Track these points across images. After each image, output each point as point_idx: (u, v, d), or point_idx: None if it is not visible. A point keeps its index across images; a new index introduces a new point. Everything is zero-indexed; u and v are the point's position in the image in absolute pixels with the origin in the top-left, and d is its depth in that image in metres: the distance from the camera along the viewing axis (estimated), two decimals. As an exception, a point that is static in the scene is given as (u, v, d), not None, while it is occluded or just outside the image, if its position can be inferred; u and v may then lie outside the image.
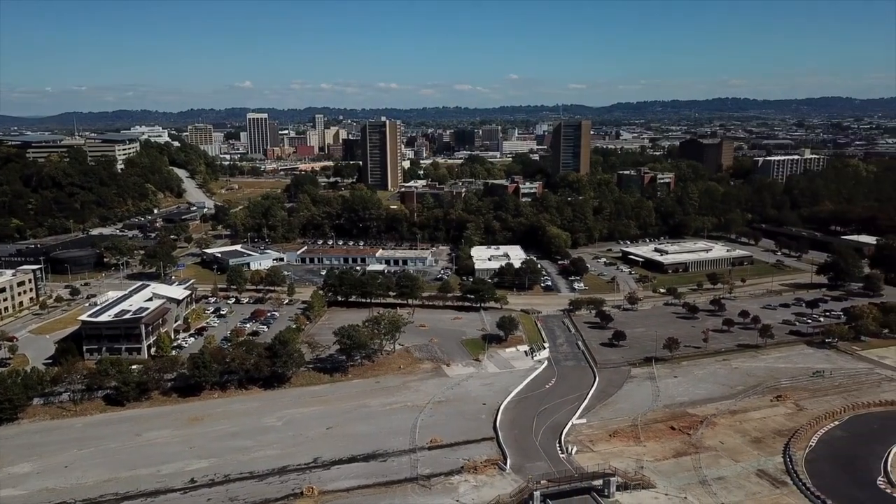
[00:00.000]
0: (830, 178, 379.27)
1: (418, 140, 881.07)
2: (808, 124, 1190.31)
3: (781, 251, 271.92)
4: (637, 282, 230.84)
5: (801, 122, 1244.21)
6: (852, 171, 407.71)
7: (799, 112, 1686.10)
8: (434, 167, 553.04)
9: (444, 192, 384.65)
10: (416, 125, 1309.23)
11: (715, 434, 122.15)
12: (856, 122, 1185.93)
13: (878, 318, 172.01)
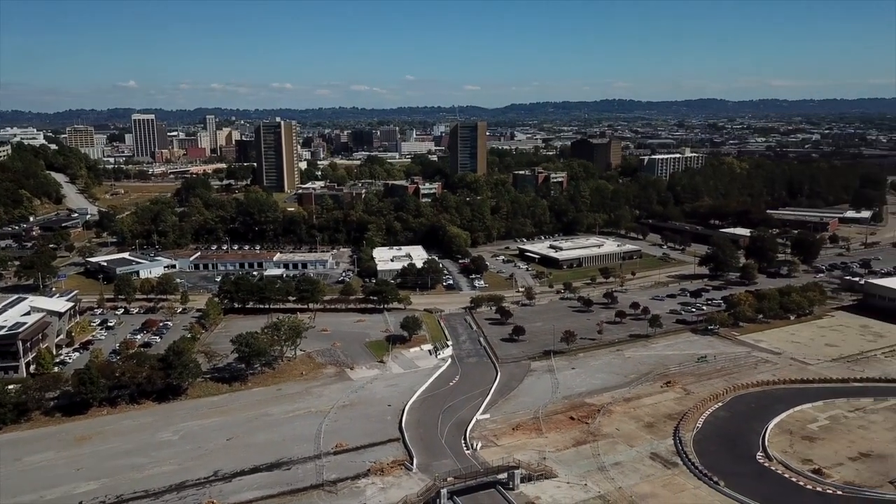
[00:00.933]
0: (709, 175, 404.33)
1: (315, 141, 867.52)
2: (687, 125, 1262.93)
3: (667, 245, 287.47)
4: (534, 278, 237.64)
5: (681, 123, 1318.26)
6: (727, 168, 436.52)
7: (679, 113, 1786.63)
8: (332, 168, 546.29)
9: (343, 193, 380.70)
10: (313, 126, 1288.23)
11: (611, 421, 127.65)
12: (729, 123, 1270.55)
13: (754, 305, 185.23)
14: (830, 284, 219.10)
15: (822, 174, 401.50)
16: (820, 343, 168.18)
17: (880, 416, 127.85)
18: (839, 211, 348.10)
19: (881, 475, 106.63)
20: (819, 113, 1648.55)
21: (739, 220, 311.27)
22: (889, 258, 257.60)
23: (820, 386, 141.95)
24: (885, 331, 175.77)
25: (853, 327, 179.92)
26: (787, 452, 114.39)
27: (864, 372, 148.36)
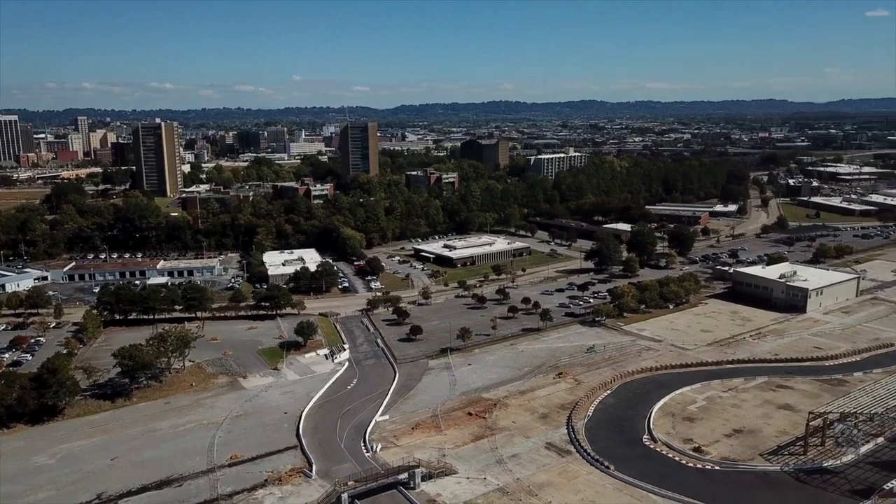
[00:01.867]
0: (591, 173, 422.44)
1: (199, 143, 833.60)
2: (570, 125, 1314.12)
3: (555, 241, 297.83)
4: (430, 277, 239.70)
5: (564, 124, 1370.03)
6: (609, 167, 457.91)
7: (563, 114, 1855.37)
8: (218, 171, 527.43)
9: (230, 196, 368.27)
10: (196, 127, 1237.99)
11: (508, 415, 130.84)
12: (609, 123, 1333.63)
13: (636, 296, 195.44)
14: (703, 274, 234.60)
15: (693, 171, 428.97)
16: (696, 329, 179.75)
17: (750, 394, 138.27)
18: (709, 205, 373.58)
19: (752, 448, 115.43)
20: (689, 114, 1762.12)
21: (621, 216, 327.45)
22: (754, 248, 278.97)
23: (697, 369, 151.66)
24: (753, 315, 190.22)
25: (725, 313, 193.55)
26: (670, 433, 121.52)
27: (735, 354, 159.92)
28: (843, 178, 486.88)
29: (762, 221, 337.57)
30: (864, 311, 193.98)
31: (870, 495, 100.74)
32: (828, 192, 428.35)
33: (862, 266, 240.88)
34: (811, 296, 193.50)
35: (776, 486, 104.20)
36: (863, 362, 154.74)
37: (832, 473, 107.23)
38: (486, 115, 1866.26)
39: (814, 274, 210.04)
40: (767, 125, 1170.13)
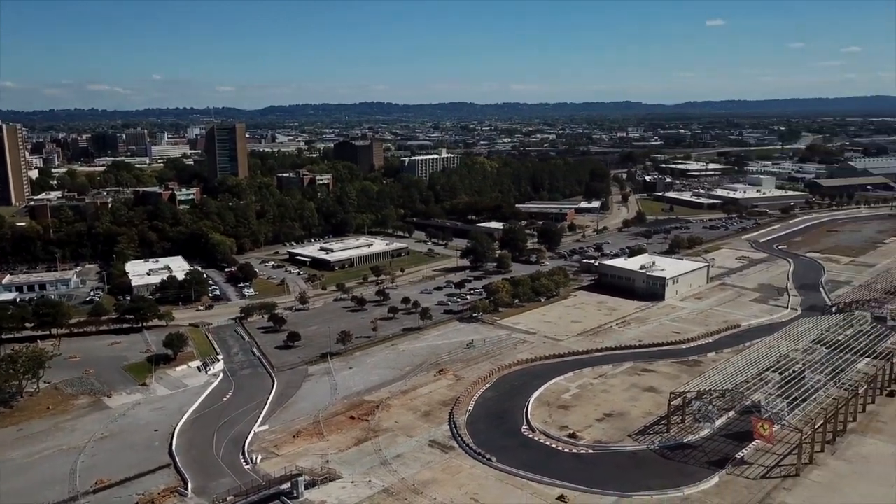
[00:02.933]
0: (464, 173, 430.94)
1: (48, 146, 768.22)
2: (442, 126, 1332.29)
3: (431, 241, 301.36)
4: (307, 281, 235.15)
5: (436, 125, 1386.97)
6: (480, 167, 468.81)
7: (434, 115, 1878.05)
8: (71, 176, 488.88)
9: (85, 203, 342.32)
10: (44, 129, 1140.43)
11: (391, 415, 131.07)
12: (479, 125, 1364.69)
13: (510, 291, 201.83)
14: (572, 268, 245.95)
15: (559, 170, 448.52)
16: (567, 320, 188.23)
17: (618, 379, 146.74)
18: (575, 202, 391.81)
19: (622, 430, 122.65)
20: (553, 115, 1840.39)
21: (493, 214, 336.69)
22: (616, 241, 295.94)
23: (569, 359, 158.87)
24: (618, 305, 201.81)
25: (592, 304, 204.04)
26: (547, 422, 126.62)
27: (604, 342, 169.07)
28: (693, 175, 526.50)
29: (623, 216, 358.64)
30: (714, 296, 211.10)
31: (724, 464, 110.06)
32: (679, 187, 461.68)
33: (711, 255, 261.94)
34: (668, 284, 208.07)
35: (644, 464, 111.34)
36: (715, 343, 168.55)
37: (692, 447, 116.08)
38: (358, 115, 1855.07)
39: (670, 264, 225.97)
40: (625, 126, 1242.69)
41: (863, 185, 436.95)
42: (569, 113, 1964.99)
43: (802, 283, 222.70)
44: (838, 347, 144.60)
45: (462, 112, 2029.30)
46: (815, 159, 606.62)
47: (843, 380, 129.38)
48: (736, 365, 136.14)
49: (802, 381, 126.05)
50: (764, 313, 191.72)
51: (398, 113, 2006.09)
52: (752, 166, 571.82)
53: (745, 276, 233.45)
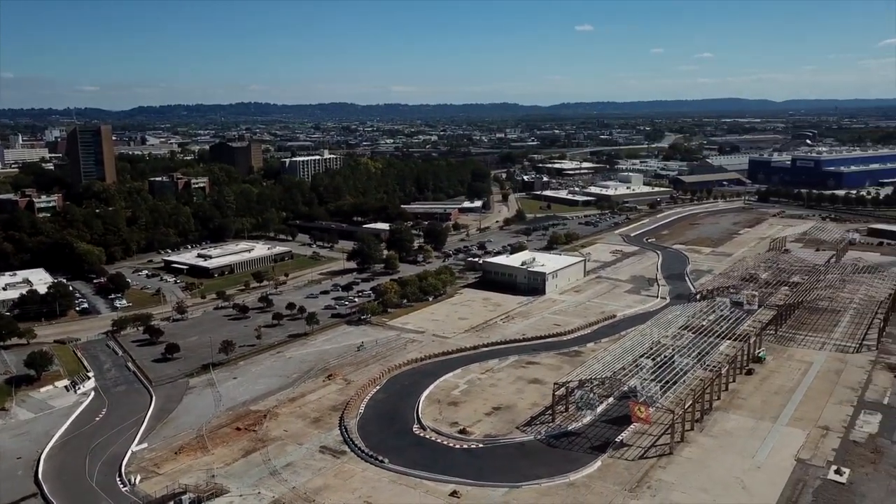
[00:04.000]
0: (348, 175, 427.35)
1: None
2: (323, 127, 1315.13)
3: (316, 244, 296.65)
4: (184, 290, 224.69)
5: (317, 126, 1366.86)
6: (364, 168, 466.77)
7: (315, 116, 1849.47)
8: None
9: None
10: None
11: (279, 424, 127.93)
12: (361, 126, 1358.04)
13: (398, 292, 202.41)
14: (458, 266, 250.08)
15: (442, 171, 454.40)
16: (454, 318, 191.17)
17: (504, 373, 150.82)
18: (458, 202, 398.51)
19: (510, 423, 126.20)
20: (434, 116, 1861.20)
21: (379, 215, 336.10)
22: (498, 239, 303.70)
23: (458, 355, 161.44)
24: (502, 300, 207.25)
25: (478, 301, 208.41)
26: (438, 419, 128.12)
27: (490, 338, 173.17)
28: (568, 174, 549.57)
29: (504, 215, 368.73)
30: (591, 288, 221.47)
31: (606, 448, 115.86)
32: (556, 186, 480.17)
33: (587, 250, 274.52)
34: (549, 279, 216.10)
35: (531, 454, 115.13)
36: (593, 334, 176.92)
37: (576, 434, 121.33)
38: (234, 117, 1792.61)
39: (549, 259, 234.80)
40: (503, 127, 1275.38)
41: (719, 181, 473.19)
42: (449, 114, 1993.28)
43: (670, 273, 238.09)
44: (703, 332, 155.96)
45: (343, 113, 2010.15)
46: (678, 157, 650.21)
47: (707, 362, 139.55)
48: (613, 353, 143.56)
49: (673, 365, 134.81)
50: (637, 303, 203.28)
51: (277, 113, 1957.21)
52: (622, 164, 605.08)
53: (618, 269, 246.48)
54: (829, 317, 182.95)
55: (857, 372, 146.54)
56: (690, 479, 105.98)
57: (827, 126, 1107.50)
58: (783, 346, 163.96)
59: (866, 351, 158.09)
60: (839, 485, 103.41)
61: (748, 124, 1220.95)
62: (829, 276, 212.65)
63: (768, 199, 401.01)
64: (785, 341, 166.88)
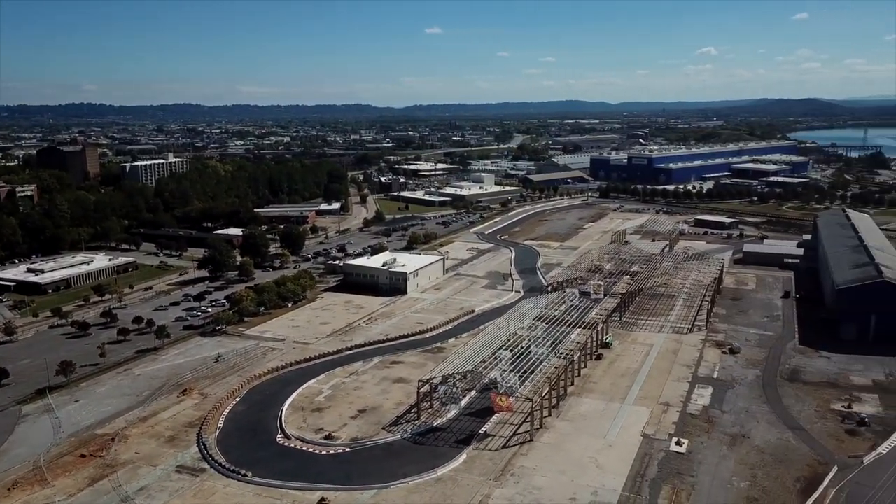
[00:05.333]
0: (195, 179, 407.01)
1: None
2: (167, 129, 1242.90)
3: (163, 252, 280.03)
4: (12, 309, 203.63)
5: (160, 128, 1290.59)
6: (213, 171, 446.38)
7: (157, 118, 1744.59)
8: None
9: None
10: None
11: (129, 447, 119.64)
12: (208, 127, 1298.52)
13: (255, 299, 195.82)
14: (317, 270, 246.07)
15: (296, 172, 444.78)
16: (316, 323, 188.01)
17: (369, 375, 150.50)
18: (315, 204, 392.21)
19: (376, 424, 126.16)
20: (286, 117, 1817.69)
21: (231, 220, 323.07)
22: (358, 241, 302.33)
23: (321, 361, 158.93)
24: (364, 302, 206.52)
25: (340, 304, 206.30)
26: (302, 427, 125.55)
27: (353, 340, 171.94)
28: (424, 175, 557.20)
29: (363, 216, 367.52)
30: (451, 286, 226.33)
31: (471, 441, 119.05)
32: (413, 186, 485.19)
33: (445, 248, 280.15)
34: (410, 278, 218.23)
35: (399, 453, 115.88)
36: (454, 329, 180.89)
37: (441, 430, 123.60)
38: (65, 118, 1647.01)
39: (410, 259, 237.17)
40: (358, 128, 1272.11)
41: (564, 179, 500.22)
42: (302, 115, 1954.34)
43: (523, 268, 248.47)
44: (555, 322, 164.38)
45: (188, 114, 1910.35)
46: (526, 157, 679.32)
47: (561, 350, 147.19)
48: (473, 347, 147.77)
49: (529, 355, 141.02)
50: (494, 298, 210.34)
51: (114, 115, 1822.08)
52: (475, 165, 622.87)
53: (475, 266, 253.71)
54: (666, 301, 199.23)
55: (690, 350, 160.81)
56: (550, 463, 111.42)
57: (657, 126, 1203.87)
58: (627, 330, 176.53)
59: (697, 331, 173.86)
60: (680, 454, 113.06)
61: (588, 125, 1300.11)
62: (663, 264, 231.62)
63: (609, 195, 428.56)
64: (629, 326, 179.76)
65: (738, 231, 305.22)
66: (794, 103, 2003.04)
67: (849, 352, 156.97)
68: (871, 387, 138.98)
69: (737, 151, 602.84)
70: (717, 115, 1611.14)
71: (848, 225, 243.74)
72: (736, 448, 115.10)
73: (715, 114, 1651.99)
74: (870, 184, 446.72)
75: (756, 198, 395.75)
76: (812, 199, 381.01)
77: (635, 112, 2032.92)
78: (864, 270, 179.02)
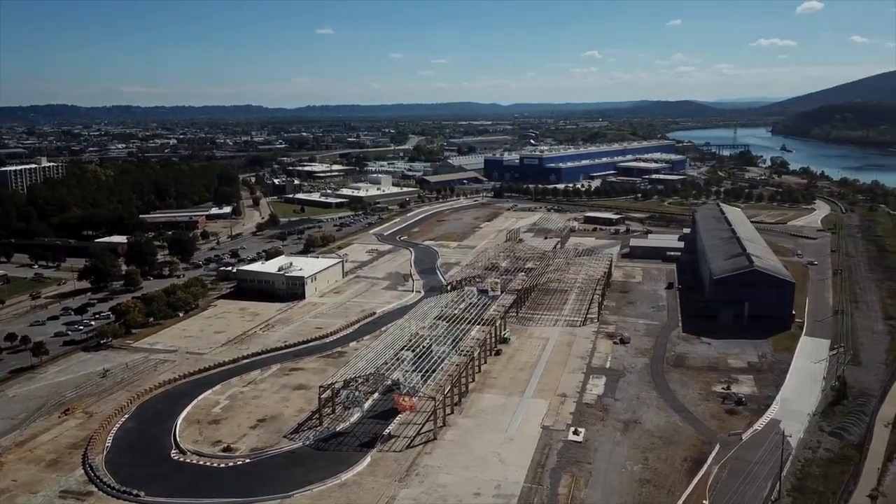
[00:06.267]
0: (73, 184, 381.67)
1: None
2: (39, 132, 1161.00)
3: (38, 263, 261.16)
4: None
5: (31, 130, 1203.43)
6: (92, 176, 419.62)
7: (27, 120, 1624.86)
8: None
9: None
10: None
11: (5, 475, 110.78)
12: (86, 130, 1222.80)
13: (143, 310, 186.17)
14: (209, 277, 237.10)
15: (184, 176, 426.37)
16: (210, 332, 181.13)
17: (267, 383, 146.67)
18: (205, 209, 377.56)
19: (277, 433, 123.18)
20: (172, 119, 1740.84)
21: (114, 227, 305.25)
22: (252, 246, 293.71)
23: (216, 371, 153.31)
24: (260, 309, 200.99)
25: (235, 312, 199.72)
26: (198, 441, 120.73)
27: (250, 349, 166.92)
28: (319, 176, 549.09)
29: (256, 220, 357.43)
30: (351, 288, 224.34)
31: (375, 443, 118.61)
32: (308, 188, 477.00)
33: (343, 251, 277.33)
34: (308, 283, 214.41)
35: (301, 461, 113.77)
36: (355, 332, 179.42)
37: (345, 434, 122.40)
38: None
39: (307, 263, 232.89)
40: (248, 129, 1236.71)
41: (460, 180, 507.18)
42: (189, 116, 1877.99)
43: (423, 268, 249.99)
44: (455, 320, 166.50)
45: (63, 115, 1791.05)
46: (422, 158, 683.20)
47: (461, 347, 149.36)
48: (375, 349, 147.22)
49: (431, 354, 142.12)
50: (394, 299, 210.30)
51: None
52: (371, 166, 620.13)
53: (375, 268, 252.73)
54: (559, 296, 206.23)
55: (584, 342, 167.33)
56: (454, 460, 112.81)
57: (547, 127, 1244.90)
58: (524, 325, 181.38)
59: (590, 323, 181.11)
60: (577, 443, 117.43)
61: (481, 126, 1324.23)
62: (556, 260, 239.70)
63: (503, 194, 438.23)
64: (525, 321, 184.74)
65: (624, 227, 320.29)
66: (672, 105, 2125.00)
67: (726, 337, 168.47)
68: (746, 368, 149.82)
69: (621, 151, 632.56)
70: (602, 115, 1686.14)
71: (722, 218, 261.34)
72: (629, 434, 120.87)
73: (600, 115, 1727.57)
74: (740, 180, 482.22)
75: (640, 195, 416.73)
76: (690, 195, 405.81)
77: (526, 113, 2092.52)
78: (737, 260, 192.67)
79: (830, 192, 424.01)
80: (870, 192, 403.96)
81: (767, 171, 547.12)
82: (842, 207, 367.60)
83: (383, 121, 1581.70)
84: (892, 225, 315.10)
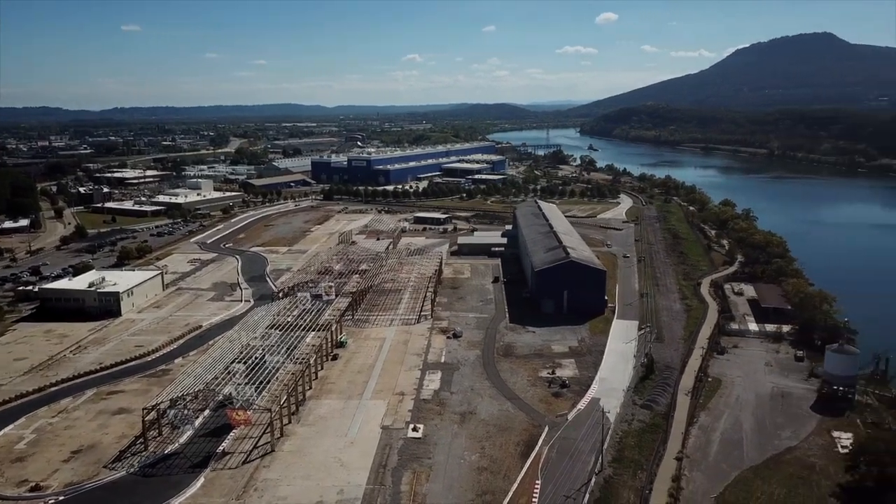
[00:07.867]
0: None
1: None
2: None
3: None
4: None
5: None
6: None
7: None
8: None
9: None
10: None
11: None
12: None
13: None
14: (6, 298, 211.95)
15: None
16: (9, 360, 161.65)
17: (82, 411, 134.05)
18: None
19: (95, 464, 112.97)
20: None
21: None
22: (57, 261, 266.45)
23: (17, 403, 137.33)
24: (69, 330, 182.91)
25: (38, 335, 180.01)
26: (0, 482, 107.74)
27: (59, 375, 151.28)
28: (131, 183, 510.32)
29: (60, 233, 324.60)
30: (173, 301, 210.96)
31: (208, 462, 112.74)
32: (119, 196, 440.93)
33: (163, 262, 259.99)
34: (123, 298, 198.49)
35: (126, 491, 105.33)
36: (180, 348, 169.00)
37: (175, 456, 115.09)
38: None
39: (122, 277, 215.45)
40: (46, 134, 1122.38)
41: (287, 183, 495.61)
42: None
43: (251, 275, 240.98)
44: (289, 328, 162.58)
45: None
46: (245, 161, 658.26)
47: (296, 355, 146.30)
48: (203, 364, 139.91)
49: (264, 365, 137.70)
50: (222, 310, 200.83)
51: None
52: (190, 171, 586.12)
53: (199, 278, 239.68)
54: (394, 296, 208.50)
55: (419, 339, 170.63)
56: (294, 470, 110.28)
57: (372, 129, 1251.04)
58: (361, 328, 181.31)
59: (424, 321, 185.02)
60: (417, 440, 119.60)
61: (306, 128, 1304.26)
62: (389, 261, 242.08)
63: (332, 197, 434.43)
64: (361, 323, 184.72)
65: (452, 225, 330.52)
66: (490, 107, 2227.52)
67: (549, 324, 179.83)
68: (568, 353, 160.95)
69: (445, 153, 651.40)
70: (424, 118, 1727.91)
71: (540, 214, 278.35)
72: (465, 425, 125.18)
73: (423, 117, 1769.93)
74: (554, 178, 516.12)
75: (465, 194, 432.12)
76: (511, 193, 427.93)
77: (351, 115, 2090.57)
78: (555, 253, 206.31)
79: (632, 186, 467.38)
80: (664, 186, 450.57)
81: (578, 169, 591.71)
82: (642, 200, 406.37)
83: (201, 123, 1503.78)
84: (682, 214, 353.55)
